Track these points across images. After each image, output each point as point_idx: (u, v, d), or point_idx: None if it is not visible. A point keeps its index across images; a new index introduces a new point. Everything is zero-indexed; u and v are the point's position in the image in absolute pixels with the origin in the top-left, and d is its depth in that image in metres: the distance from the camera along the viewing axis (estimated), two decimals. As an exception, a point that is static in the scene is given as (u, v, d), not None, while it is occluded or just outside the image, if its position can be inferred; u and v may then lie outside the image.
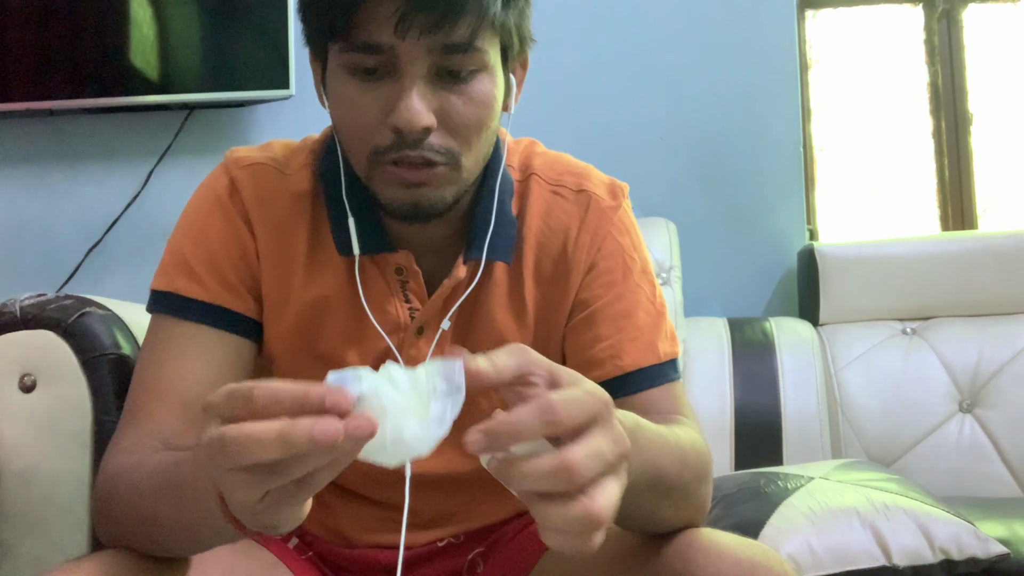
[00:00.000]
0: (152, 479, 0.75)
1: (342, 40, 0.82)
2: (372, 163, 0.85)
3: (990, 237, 2.12)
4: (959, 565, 1.32)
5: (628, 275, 0.96)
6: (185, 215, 0.97)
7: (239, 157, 0.97)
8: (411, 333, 0.94)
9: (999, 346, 1.99)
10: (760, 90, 2.25)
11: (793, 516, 1.36)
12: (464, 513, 1.03)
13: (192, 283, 0.92)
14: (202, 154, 2.19)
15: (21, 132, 2.23)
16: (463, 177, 0.87)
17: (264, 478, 0.56)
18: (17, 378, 1.13)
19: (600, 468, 0.58)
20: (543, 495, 0.58)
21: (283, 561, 0.97)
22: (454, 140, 0.84)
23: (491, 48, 0.84)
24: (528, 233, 0.96)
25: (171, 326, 0.91)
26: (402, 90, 0.81)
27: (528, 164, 0.99)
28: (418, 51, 0.80)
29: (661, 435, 0.76)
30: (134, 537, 0.78)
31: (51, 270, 2.18)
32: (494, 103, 0.86)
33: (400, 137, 0.82)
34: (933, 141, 2.42)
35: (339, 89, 0.85)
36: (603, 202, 0.97)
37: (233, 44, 2.15)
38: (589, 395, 0.59)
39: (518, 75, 0.93)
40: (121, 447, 0.86)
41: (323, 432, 0.53)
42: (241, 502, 0.58)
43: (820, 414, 1.91)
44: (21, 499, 1.12)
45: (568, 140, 1.22)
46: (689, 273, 2.11)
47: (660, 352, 0.94)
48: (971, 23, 2.42)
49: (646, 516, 0.80)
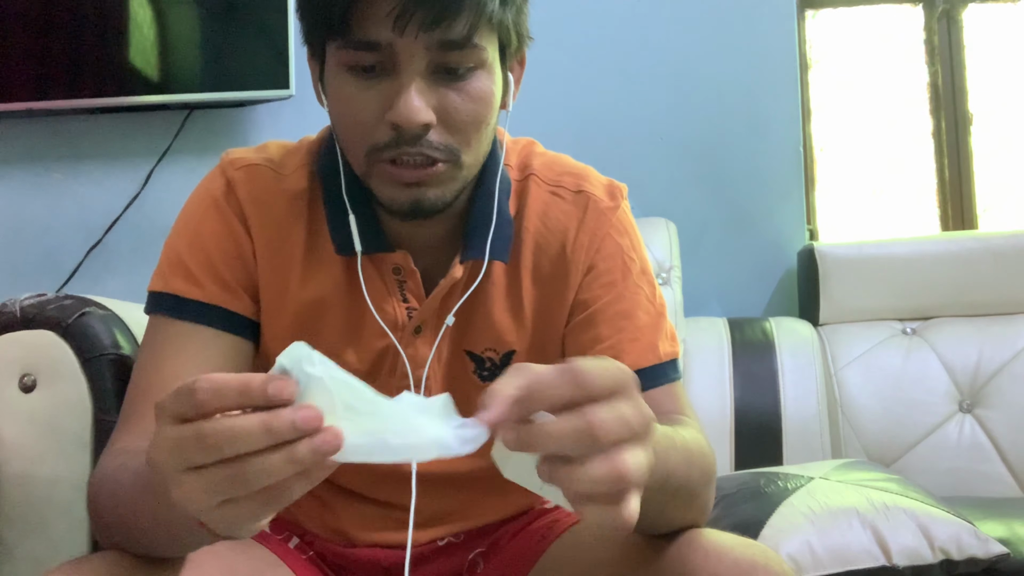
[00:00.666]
0: (132, 481, 0.74)
1: (340, 38, 0.82)
2: (370, 161, 0.85)
3: (990, 237, 2.12)
4: (959, 565, 1.32)
5: (627, 275, 0.96)
6: (181, 217, 0.97)
7: (235, 159, 0.97)
8: (409, 332, 0.94)
9: (999, 346, 1.99)
10: (760, 90, 2.25)
11: (793, 516, 1.36)
12: (465, 512, 1.03)
13: (189, 284, 0.91)
14: (202, 154, 2.19)
15: (21, 132, 2.23)
16: (463, 174, 0.87)
17: (221, 485, 0.54)
18: (17, 378, 1.13)
19: (624, 432, 0.56)
20: (569, 461, 0.56)
21: (283, 560, 0.97)
22: (453, 137, 0.84)
23: (489, 45, 0.85)
24: (526, 233, 0.96)
25: (168, 327, 0.91)
26: (401, 87, 0.82)
27: (527, 164, 0.99)
28: (416, 48, 0.81)
29: (668, 436, 0.75)
30: (120, 538, 0.78)
31: (51, 270, 2.18)
32: (492, 100, 0.87)
33: (399, 134, 0.82)
34: (933, 141, 2.42)
35: (337, 87, 0.85)
36: (602, 203, 0.97)
37: (233, 44, 2.15)
38: (616, 367, 0.58)
39: (516, 73, 0.93)
40: (113, 449, 0.86)
41: (305, 419, 0.52)
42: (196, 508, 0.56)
43: (820, 414, 1.91)
44: (21, 499, 1.12)
45: (568, 140, 1.22)
46: (689, 273, 2.11)
47: (661, 352, 0.94)
48: (971, 23, 2.42)
49: (654, 517, 0.79)
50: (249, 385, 0.54)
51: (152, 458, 0.57)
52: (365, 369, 0.95)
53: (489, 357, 0.96)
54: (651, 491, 0.70)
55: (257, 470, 0.53)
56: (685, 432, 0.82)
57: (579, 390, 0.56)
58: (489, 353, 0.96)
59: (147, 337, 0.93)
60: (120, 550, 0.79)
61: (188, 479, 0.55)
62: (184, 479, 0.55)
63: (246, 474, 0.53)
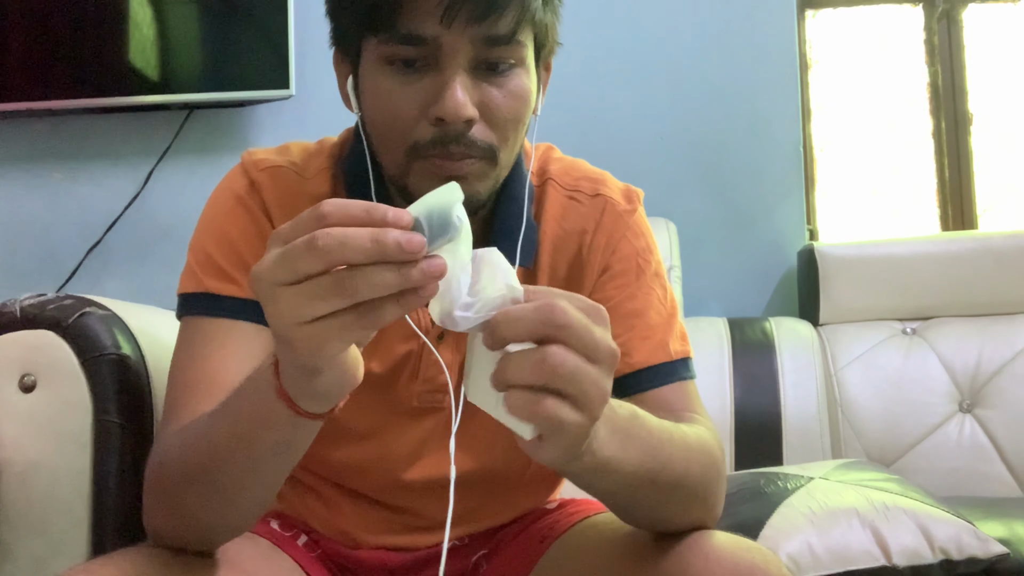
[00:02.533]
0: (204, 421, 0.76)
1: (385, 32, 0.82)
2: (411, 158, 0.85)
3: (990, 237, 2.12)
4: (959, 565, 1.32)
5: (641, 276, 0.97)
6: (205, 217, 0.96)
7: (258, 160, 0.96)
8: (432, 338, 0.94)
9: (999, 346, 1.99)
10: (760, 90, 2.25)
11: (793, 516, 1.36)
12: (470, 516, 1.03)
13: (223, 281, 0.91)
14: (202, 154, 2.19)
15: (21, 132, 2.23)
16: (497, 173, 0.88)
17: (323, 291, 0.55)
18: (17, 378, 1.13)
19: (583, 340, 0.60)
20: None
21: (301, 564, 0.97)
22: (494, 134, 0.85)
23: (529, 43, 0.86)
24: (544, 237, 0.97)
25: (206, 326, 0.90)
26: (445, 81, 0.82)
27: (545, 169, 1.00)
28: (461, 42, 0.81)
29: (665, 429, 0.76)
30: (187, 499, 0.77)
31: (51, 270, 2.18)
32: (530, 98, 0.87)
33: (442, 130, 0.82)
34: (933, 141, 2.42)
35: (376, 83, 0.85)
36: (619, 206, 0.98)
37: (233, 44, 2.15)
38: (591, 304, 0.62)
39: (543, 78, 0.94)
40: (167, 432, 0.85)
41: (410, 242, 0.54)
42: (289, 321, 0.57)
43: (820, 414, 1.91)
44: (21, 499, 1.12)
45: (568, 140, 1.22)
46: (689, 273, 2.11)
47: (671, 350, 0.95)
48: (971, 23, 2.42)
49: (650, 510, 0.80)
50: (375, 206, 0.56)
51: (256, 273, 0.58)
52: (385, 374, 0.94)
53: None
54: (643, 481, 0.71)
55: (362, 280, 0.55)
56: (687, 429, 0.82)
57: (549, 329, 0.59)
58: None
59: (183, 339, 0.92)
60: (141, 550, 0.79)
61: (288, 291, 0.56)
62: (284, 292, 0.56)
63: (354, 281, 0.55)
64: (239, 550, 0.85)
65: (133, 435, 1.12)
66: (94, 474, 1.11)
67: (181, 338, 0.92)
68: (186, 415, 0.84)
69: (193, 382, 0.87)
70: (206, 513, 0.78)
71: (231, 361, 0.87)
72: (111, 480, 1.11)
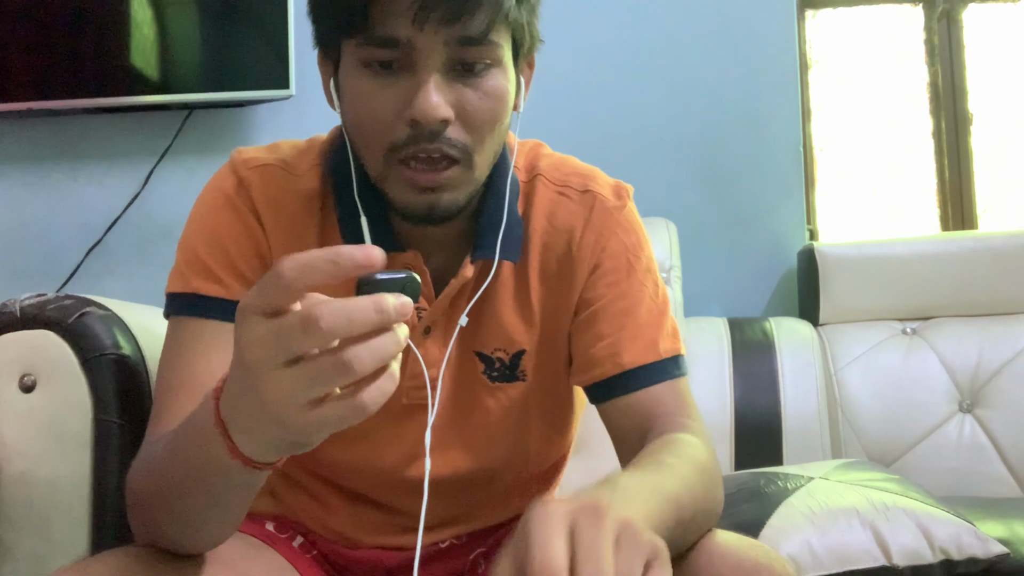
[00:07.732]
0: (161, 456, 0.75)
1: (359, 35, 0.82)
2: (388, 162, 0.85)
3: (990, 237, 2.12)
4: (959, 565, 1.32)
5: (632, 273, 0.97)
6: (193, 216, 0.96)
7: (247, 158, 0.96)
8: (419, 333, 0.94)
9: (999, 346, 1.99)
10: (760, 90, 2.25)
11: (793, 516, 1.36)
12: (467, 515, 1.03)
13: (210, 282, 0.91)
14: (202, 154, 2.19)
15: (21, 132, 2.23)
16: (475, 177, 0.87)
17: (326, 374, 0.54)
18: (17, 378, 1.13)
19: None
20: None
21: (292, 563, 0.97)
22: (469, 135, 0.85)
23: (505, 43, 0.85)
24: (533, 233, 0.97)
25: (193, 327, 0.90)
26: (419, 83, 0.82)
27: (534, 165, 1.00)
28: (435, 44, 0.81)
29: (659, 490, 0.71)
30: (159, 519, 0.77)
31: (51, 270, 2.18)
32: (507, 98, 0.87)
33: (417, 130, 0.82)
34: (933, 141, 2.42)
35: (354, 86, 0.85)
36: (608, 202, 0.98)
37: (233, 44, 2.15)
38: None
39: (526, 75, 0.94)
40: (148, 441, 0.85)
41: (404, 305, 0.54)
42: (289, 407, 0.55)
43: (820, 414, 1.91)
44: (21, 499, 1.12)
45: (568, 140, 1.22)
46: (689, 273, 2.11)
47: (661, 349, 0.94)
48: (971, 23, 2.42)
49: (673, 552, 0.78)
50: (339, 253, 0.54)
51: (244, 359, 0.56)
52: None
53: (498, 357, 0.96)
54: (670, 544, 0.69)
55: (367, 355, 0.54)
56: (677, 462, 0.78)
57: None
58: (498, 353, 0.96)
59: (170, 339, 0.92)
60: (128, 550, 0.79)
61: (286, 374, 0.54)
62: (281, 375, 0.54)
63: (360, 357, 0.53)
64: (229, 547, 0.85)
65: (133, 435, 1.12)
66: (94, 474, 1.12)
67: (168, 338, 0.92)
68: (170, 418, 0.84)
69: (177, 385, 0.87)
70: (175, 533, 0.78)
71: (217, 366, 0.86)
72: (111, 480, 1.12)
